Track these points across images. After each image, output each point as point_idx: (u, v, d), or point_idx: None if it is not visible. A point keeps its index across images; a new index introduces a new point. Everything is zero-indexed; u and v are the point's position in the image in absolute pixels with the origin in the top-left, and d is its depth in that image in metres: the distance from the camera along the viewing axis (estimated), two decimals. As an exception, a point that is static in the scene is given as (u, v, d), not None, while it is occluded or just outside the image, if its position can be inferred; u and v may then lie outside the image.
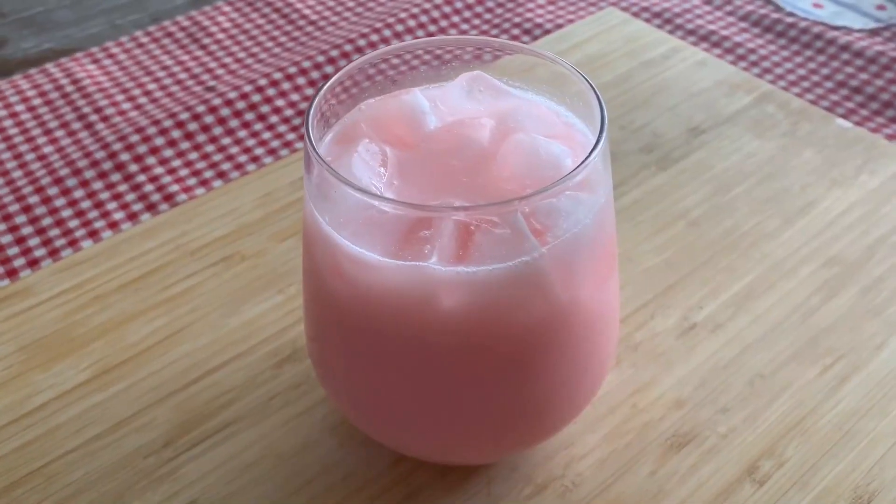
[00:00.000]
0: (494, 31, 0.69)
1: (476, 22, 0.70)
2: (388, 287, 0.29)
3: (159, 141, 0.59)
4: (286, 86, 0.63)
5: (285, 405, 0.41)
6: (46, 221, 0.54)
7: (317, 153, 0.29)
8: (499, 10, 0.71)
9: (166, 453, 0.39)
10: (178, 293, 0.47)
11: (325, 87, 0.33)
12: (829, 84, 0.62)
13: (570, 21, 0.69)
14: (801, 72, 0.63)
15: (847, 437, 0.39)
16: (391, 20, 0.69)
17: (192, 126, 0.60)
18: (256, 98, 0.62)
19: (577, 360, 0.33)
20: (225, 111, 0.61)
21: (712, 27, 0.68)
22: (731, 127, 0.56)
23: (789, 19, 0.68)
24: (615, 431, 0.40)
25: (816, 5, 0.70)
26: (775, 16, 0.69)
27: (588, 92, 0.32)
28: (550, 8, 0.71)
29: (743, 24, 0.68)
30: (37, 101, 0.63)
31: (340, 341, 0.33)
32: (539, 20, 0.70)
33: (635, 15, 0.69)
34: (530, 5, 0.71)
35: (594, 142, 0.30)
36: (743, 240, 0.48)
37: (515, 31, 0.69)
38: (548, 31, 0.68)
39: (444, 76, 0.36)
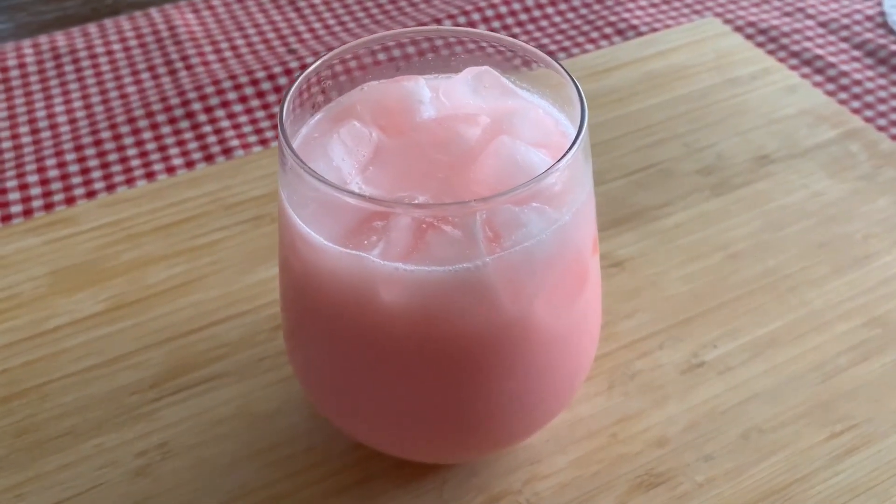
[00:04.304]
0: (586, 27, 0.67)
1: (570, 16, 0.68)
2: (331, 272, 0.29)
3: (232, 95, 0.61)
4: (367, 59, 0.63)
5: (271, 369, 0.42)
6: (112, 157, 0.56)
7: (283, 129, 0.29)
8: (596, 7, 0.69)
9: (151, 394, 0.41)
10: (204, 244, 0.48)
11: (319, 62, 0.33)
12: (935, 130, 0.57)
13: (668, 27, 0.66)
14: (907, 112, 0.58)
15: (835, 513, 0.36)
16: (483, 4, 0.68)
17: (266, 85, 0.61)
18: (333, 66, 0.63)
19: (530, 379, 0.32)
20: (298, 74, 0.62)
21: (820, 52, 0.63)
22: (805, 161, 0.52)
23: (909, 53, 0.62)
24: (586, 457, 0.38)
25: (946, 42, 0.63)
26: (895, 48, 0.63)
27: (577, 105, 0.30)
28: (651, 11, 0.68)
29: (855, 53, 0.63)
30: (133, 43, 0.66)
31: (296, 319, 0.33)
32: (635, 21, 0.67)
33: (738, 29, 0.65)
34: (630, 5, 0.69)
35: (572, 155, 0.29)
36: (782, 283, 0.45)
37: (608, 30, 0.66)
38: (642, 34, 0.65)
39: (454, 68, 0.35)
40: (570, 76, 0.31)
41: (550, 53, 0.65)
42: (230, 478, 0.38)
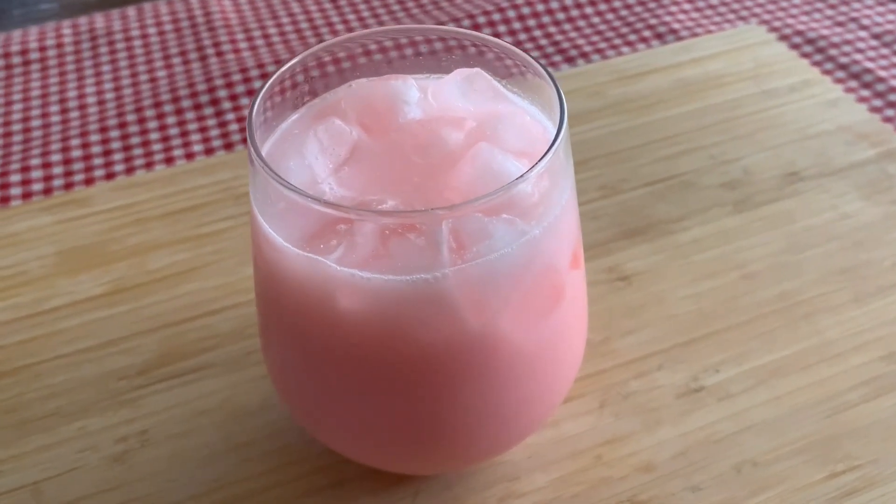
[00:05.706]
0: (625, 30, 0.65)
1: (609, 17, 0.66)
2: (291, 276, 0.28)
3: (258, 84, 0.60)
4: (393, 54, 0.63)
5: (257, 363, 0.41)
6: (134, 140, 0.57)
7: (251, 125, 0.29)
8: (637, 9, 0.67)
9: (138, 381, 0.41)
10: (209, 232, 0.48)
11: (299, 58, 0.32)
12: None
13: (710, 32, 0.63)
14: (958, 133, 0.55)
15: (824, 558, 0.34)
16: (520, 2, 0.66)
17: (292, 75, 0.61)
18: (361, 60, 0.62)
19: (497, 395, 0.30)
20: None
21: (870, 65, 0.60)
22: (837, 181, 0.49)
23: (966, 71, 0.59)
24: (568, 478, 0.37)
25: None
26: (951, 64, 0.59)
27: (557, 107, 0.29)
28: (694, 15, 0.66)
29: (909, 68, 0.60)
30: (168, 27, 0.66)
31: (263, 319, 0.32)
32: (676, 25, 0.64)
33: (785, 38, 0.62)
34: (673, 9, 0.66)
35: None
36: (798, 308, 0.43)
37: (646, 34, 0.64)
38: (682, 39, 0.63)
39: (445, 68, 0.34)
40: (554, 82, 0.30)
41: (584, 55, 0.63)
42: (206, 470, 0.38)
